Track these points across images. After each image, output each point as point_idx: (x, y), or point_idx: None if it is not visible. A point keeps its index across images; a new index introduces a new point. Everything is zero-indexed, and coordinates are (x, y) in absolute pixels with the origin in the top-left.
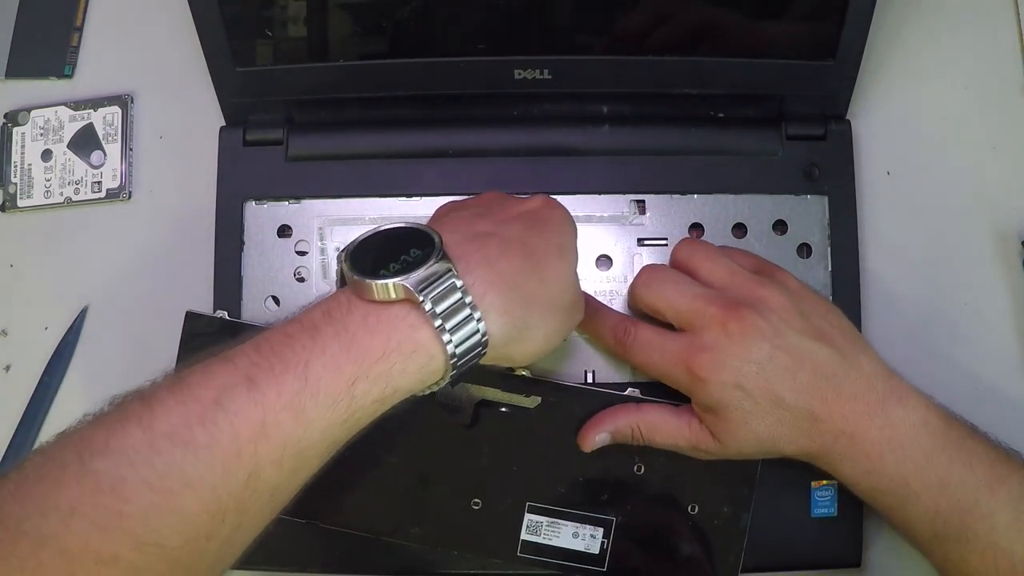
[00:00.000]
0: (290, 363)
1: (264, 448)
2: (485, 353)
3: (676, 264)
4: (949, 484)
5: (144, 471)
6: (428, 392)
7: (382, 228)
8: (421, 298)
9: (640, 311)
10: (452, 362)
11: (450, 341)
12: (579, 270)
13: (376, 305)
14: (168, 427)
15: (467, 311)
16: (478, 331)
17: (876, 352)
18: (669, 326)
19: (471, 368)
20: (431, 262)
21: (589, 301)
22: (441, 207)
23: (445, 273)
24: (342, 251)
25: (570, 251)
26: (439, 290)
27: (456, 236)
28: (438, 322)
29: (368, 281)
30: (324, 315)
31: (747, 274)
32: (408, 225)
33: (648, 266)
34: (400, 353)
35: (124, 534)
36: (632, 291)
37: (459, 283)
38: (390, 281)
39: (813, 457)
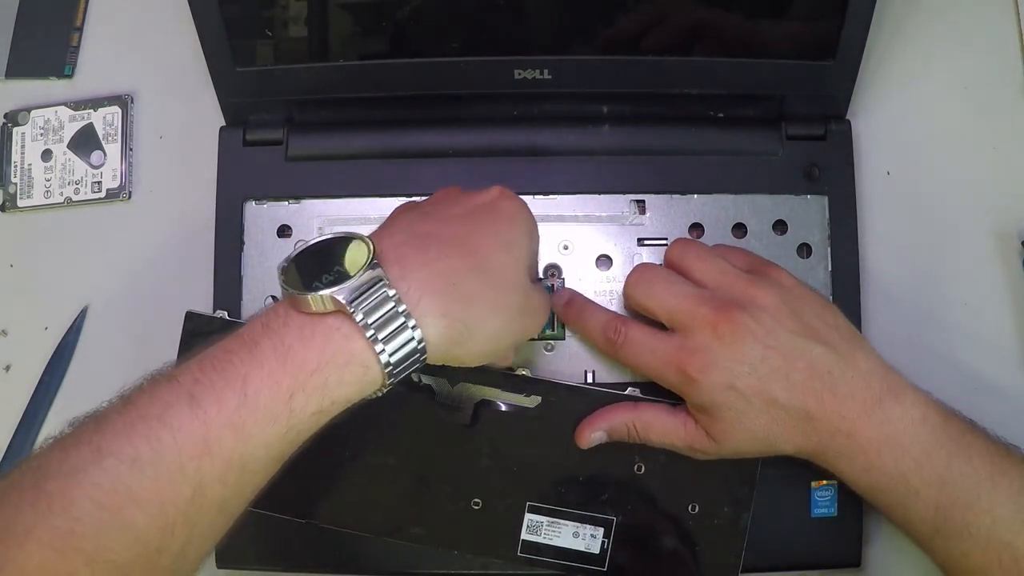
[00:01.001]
0: (230, 378)
1: (207, 464)
2: (425, 359)
3: (669, 264)
4: (949, 480)
5: (92, 490)
6: (374, 397)
7: (318, 238)
8: (352, 309)
9: (634, 310)
10: (388, 371)
11: (383, 351)
12: (579, 270)
13: (311, 317)
14: (115, 445)
15: (401, 320)
16: (413, 338)
17: (874, 349)
18: (662, 326)
19: (410, 374)
20: (361, 272)
21: (576, 299)
22: (396, 208)
23: (376, 283)
24: (279, 264)
25: (519, 246)
26: (371, 300)
27: (396, 239)
28: (371, 332)
29: (301, 295)
30: (263, 328)
31: (739, 273)
32: (343, 235)
33: (641, 265)
34: (335, 364)
35: (77, 553)
36: (625, 290)
37: (391, 292)
38: (321, 293)
39: (811, 456)
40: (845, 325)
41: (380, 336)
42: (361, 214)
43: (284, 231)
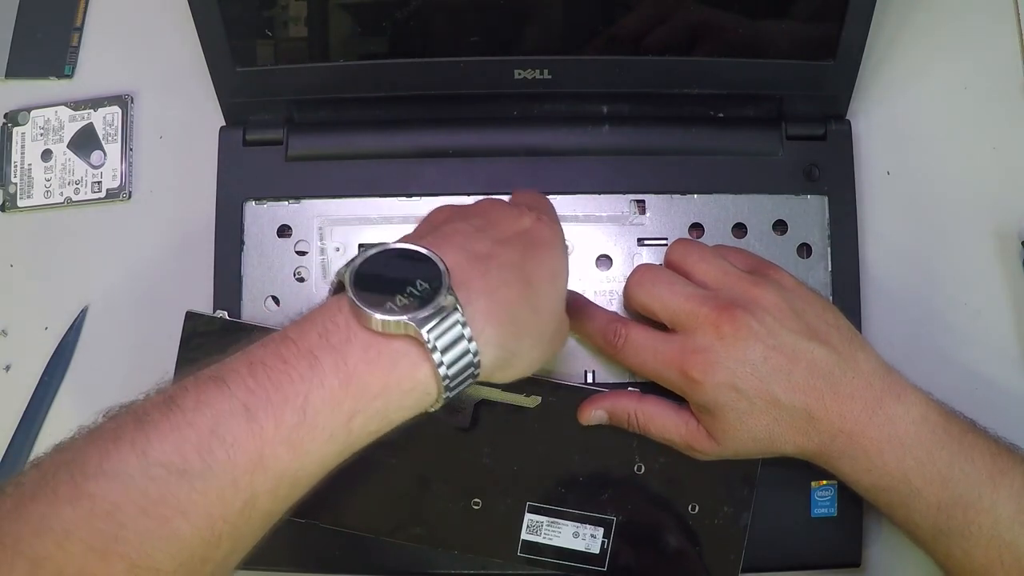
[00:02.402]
0: (288, 395)
1: (260, 479)
2: (473, 382)
3: (670, 264)
4: (951, 479)
5: (139, 498)
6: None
7: (387, 247)
8: (427, 338)
9: (635, 311)
10: (445, 396)
11: (446, 376)
12: (579, 270)
13: (376, 337)
14: (162, 454)
15: (465, 344)
16: (472, 364)
17: (874, 349)
18: (662, 326)
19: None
20: (440, 299)
21: (577, 300)
22: (438, 211)
23: (452, 312)
24: (344, 267)
25: (562, 276)
26: (444, 330)
27: (458, 257)
28: (437, 357)
29: (375, 316)
30: (321, 339)
31: (741, 273)
32: (414, 247)
33: (642, 265)
34: (399, 390)
35: (119, 558)
36: (626, 291)
37: (463, 320)
38: (398, 319)
39: (812, 456)
40: (846, 326)
41: (446, 361)
42: (361, 214)
43: (284, 231)
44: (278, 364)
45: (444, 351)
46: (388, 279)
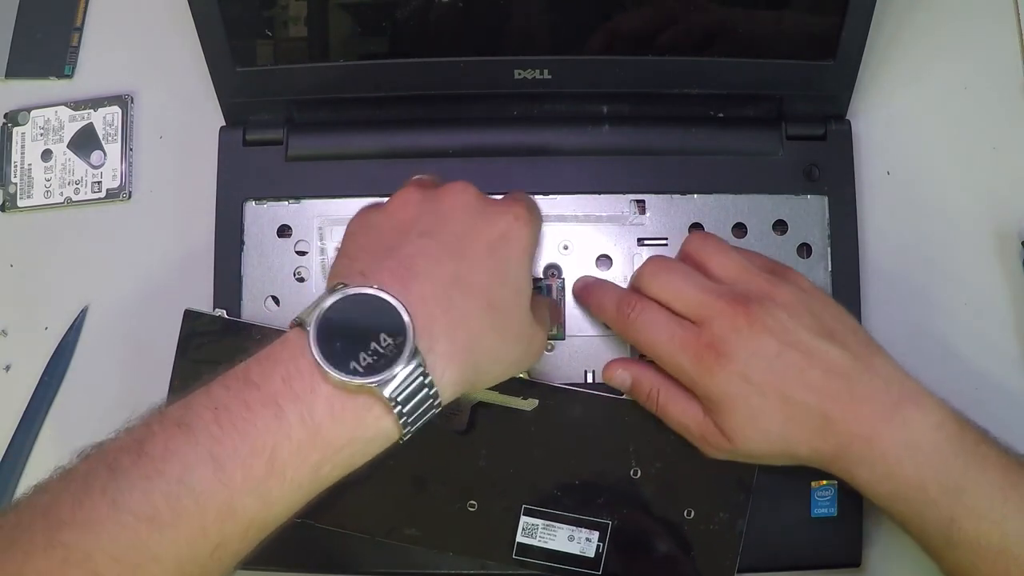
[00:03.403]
0: (256, 446)
1: (230, 526)
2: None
3: (686, 256)
4: (964, 490)
5: (110, 545)
6: None
7: (352, 293)
8: (390, 397)
9: None
10: (406, 435)
11: (407, 423)
12: (579, 270)
13: (341, 392)
14: (132, 502)
15: (425, 392)
16: (433, 407)
17: (890, 355)
18: None
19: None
20: (404, 357)
21: (586, 279)
22: (401, 205)
23: (416, 371)
24: (307, 312)
25: (527, 287)
26: (406, 386)
27: (423, 290)
28: (399, 409)
29: (339, 377)
30: (285, 385)
31: (757, 270)
32: (381, 296)
33: (655, 257)
34: (364, 439)
35: None
36: (638, 280)
37: (424, 372)
38: (362, 382)
39: (828, 461)
40: (861, 331)
41: (406, 410)
42: None
43: (284, 231)
44: (242, 412)
45: (405, 403)
46: (351, 333)
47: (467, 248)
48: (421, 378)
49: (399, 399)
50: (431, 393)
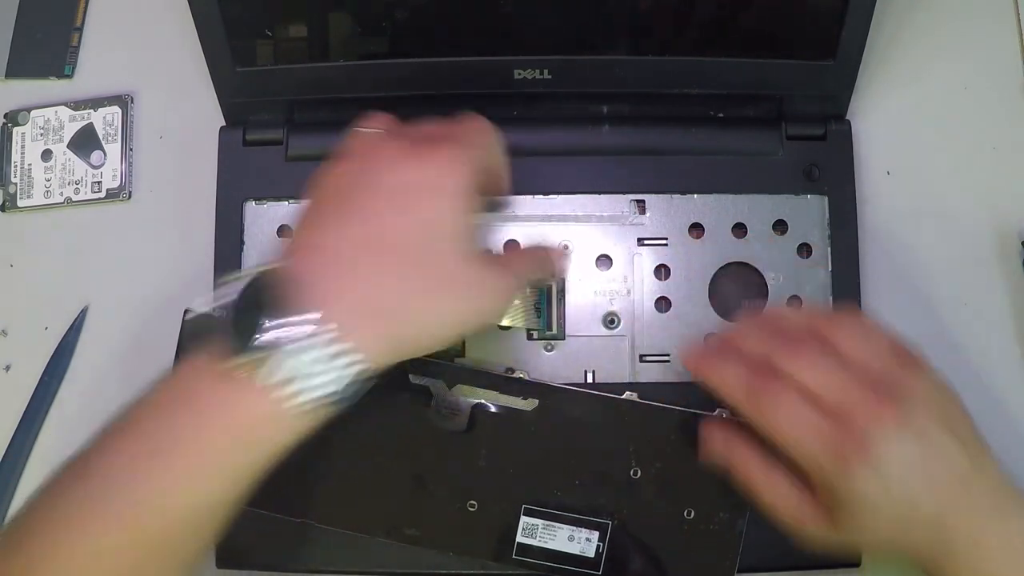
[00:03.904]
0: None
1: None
2: (371, 377)
3: (813, 329)
4: None
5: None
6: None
7: (242, 283)
8: (286, 378)
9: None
10: (329, 407)
11: (326, 395)
12: (579, 270)
13: (232, 380)
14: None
15: (338, 359)
16: (357, 374)
17: (990, 448)
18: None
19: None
20: (294, 338)
21: (700, 350)
22: (320, 186)
23: (310, 343)
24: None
25: (461, 227)
26: (305, 363)
27: (324, 258)
28: (298, 385)
29: (229, 364)
30: (189, 392)
31: (890, 354)
32: (260, 272)
33: (786, 324)
34: (271, 420)
35: None
36: (774, 353)
37: (333, 348)
38: (243, 361)
39: (925, 558)
40: (971, 421)
41: (314, 384)
42: None
43: (284, 231)
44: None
45: (309, 378)
46: (243, 320)
47: (378, 207)
48: (322, 348)
49: (297, 375)
50: (346, 362)
